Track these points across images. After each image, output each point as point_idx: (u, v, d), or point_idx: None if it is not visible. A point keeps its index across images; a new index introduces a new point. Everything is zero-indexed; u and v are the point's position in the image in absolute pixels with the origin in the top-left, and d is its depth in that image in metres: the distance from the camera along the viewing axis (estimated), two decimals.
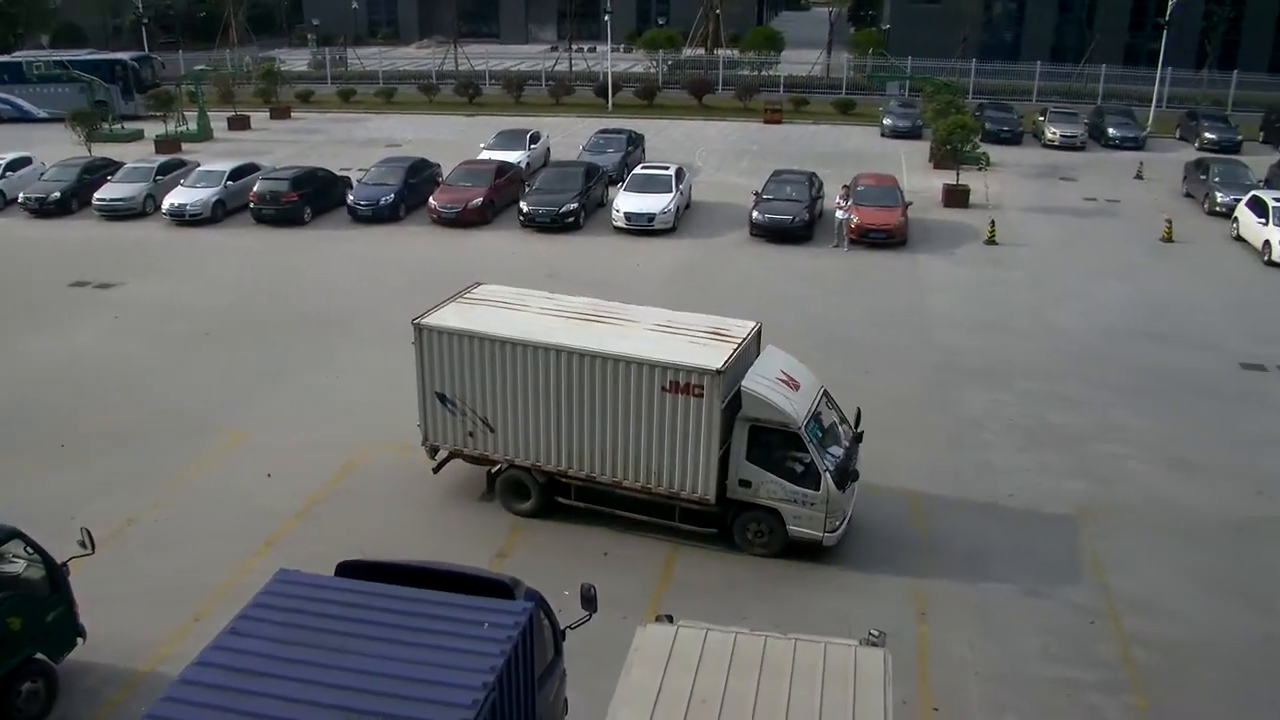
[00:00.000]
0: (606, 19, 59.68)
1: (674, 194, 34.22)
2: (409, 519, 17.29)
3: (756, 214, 33.17)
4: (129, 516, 17.21)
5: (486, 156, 39.77)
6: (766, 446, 15.67)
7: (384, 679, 8.26)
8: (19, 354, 24.33)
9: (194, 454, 19.44)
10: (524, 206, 34.23)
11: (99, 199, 36.31)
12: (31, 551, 12.86)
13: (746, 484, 15.82)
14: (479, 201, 34.58)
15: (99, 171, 38.23)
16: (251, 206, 35.23)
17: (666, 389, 15.45)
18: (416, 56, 76.29)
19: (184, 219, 35.01)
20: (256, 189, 35.40)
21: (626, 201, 34.05)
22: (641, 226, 33.45)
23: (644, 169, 36.61)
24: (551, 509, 17.15)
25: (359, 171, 38.70)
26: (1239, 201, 33.74)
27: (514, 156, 39.97)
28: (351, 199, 35.75)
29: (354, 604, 9.18)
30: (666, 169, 35.97)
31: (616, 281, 27.42)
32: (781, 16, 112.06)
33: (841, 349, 23.54)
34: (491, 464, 17.44)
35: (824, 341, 23.45)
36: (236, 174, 36.74)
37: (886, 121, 51.16)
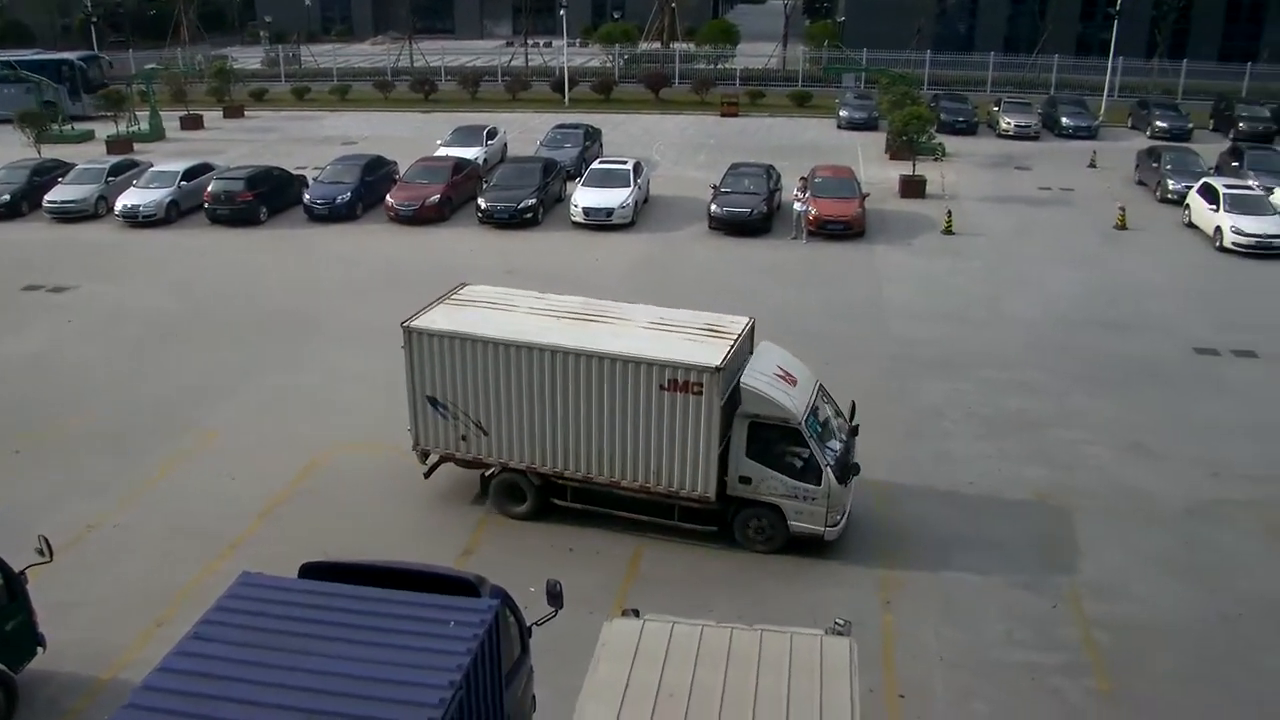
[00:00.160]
0: (562, 13, 59.53)
1: (632, 188, 34.22)
2: (373, 518, 17.15)
3: (715, 207, 33.25)
4: (89, 522, 16.98)
5: (443, 153, 39.57)
6: (766, 442, 15.65)
7: (349, 680, 8.20)
8: None
9: (156, 457, 19.21)
10: (482, 203, 34.11)
11: (50, 201, 35.79)
12: None
13: (746, 481, 15.79)
14: (436, 199, 34.46)
15: (49, 173, 37.73)
16: (206, 207, 34.87)
17: (665, 387, 15.35)
18: (371, 53, 75.66)
19: (137, 220, 34.57)
20: (211, 189, 35.02)
21: (585, 196, 33.98)
22: (600, 221, 33.42)
23: (602, 164, 36.55)
24: (547, 511, 17.03)
25: (314, 170, 38.37)
26: (1190, 189, 34.15)
27: (471, 153, 39.81)
28: (308, 198, 35.46)
29: (318, 606, 9.12)
30: (624, 163, 35.93)
31: (575, 276, 27.33)
32: (737, 10, 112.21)
33: (801, 341, 23.39)
34: (484, 468, 17.22)
35: (783, 334, 23.19)
36: (190, 174, 36.31)
37: (843, 113, 51.52)
